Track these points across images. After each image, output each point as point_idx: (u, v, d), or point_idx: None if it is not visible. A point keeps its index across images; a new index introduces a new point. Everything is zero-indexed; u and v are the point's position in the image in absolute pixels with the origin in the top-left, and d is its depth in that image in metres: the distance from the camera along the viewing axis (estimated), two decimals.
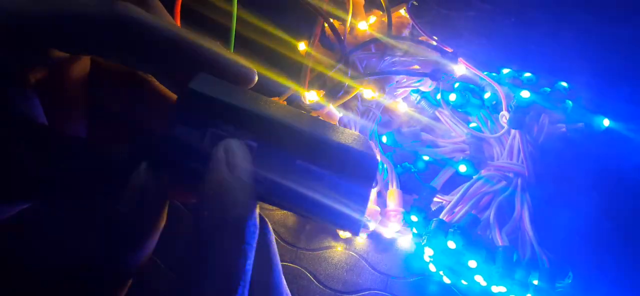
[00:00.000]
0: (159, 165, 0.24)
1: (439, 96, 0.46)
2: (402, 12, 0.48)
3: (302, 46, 0.46)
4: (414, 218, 0.45)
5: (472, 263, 0.41)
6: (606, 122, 0.47)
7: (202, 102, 0.23)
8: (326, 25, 0.43)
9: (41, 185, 0.26)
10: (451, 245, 0.41)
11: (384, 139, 0.49)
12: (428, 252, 0.42)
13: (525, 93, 0.42)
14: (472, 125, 0.49)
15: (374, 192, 0.44)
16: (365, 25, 0.45)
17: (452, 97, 0.47)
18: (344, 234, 0.46)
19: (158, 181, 0.24)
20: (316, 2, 0.41)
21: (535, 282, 0.42)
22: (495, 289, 0.41)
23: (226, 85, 0.27)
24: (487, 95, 0.48)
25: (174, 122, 0.23)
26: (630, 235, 0.50)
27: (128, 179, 0.24)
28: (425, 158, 0.49)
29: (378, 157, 0.44)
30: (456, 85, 0.51)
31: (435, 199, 0.46)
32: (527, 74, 0.49)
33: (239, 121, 0.24)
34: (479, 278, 0.42)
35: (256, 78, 0.30)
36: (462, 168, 0.44)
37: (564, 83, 0.49)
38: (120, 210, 0.23)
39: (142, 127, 0.37)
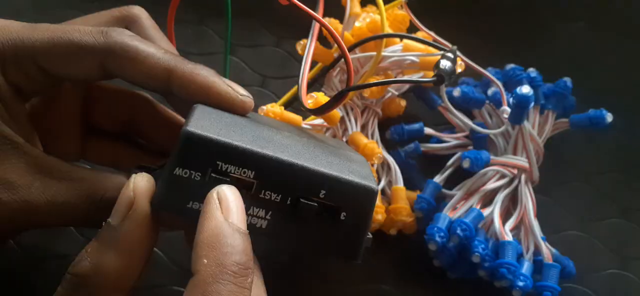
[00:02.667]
0: (159, 207, 0.24)
1: (441, 91, 0.46)
2: (399, 8, 0.48)
3: (299, 46, 0.46)
4: (418, 213, 0.45)
5: (476, 258, 0.41)
6: (610, 117, 0.47)
7: (201, 144, 0.24)
8: (322, 24, 0.42)
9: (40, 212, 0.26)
10: (454, 240, 0.41)
11: (386, 135, 0.49)
12: (431, 247, 0.42)
13: (525, 88, 0.42)
14: (476, 120, 0.49)
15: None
16: (361, 21, 0.45)
17: (456, 92, 0.47)
18: None
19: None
20: None
21: (539, 277, 0.42)
22: (498, 284, 0.42)
23: (224, 117, 0.27)
24: (490, 90, 0.48)
25: (174, 165, 0.24)
26: None
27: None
28: (428, 153, 0.49)
29: (377, 182, 0.44)
30: (459, 80, 0.51)
31: (438, 195, 0.46)
32: (531, 69, 0.49)
33: (238, 160, 0.24)
34: (482, 273, 0.42)
35: (253, 104, 0.30)
36: (466, 164, 0.44)
37: (568, 79, 0.49)
38: (110, 223, 0.24)
39: (138, 146, 0.38)
